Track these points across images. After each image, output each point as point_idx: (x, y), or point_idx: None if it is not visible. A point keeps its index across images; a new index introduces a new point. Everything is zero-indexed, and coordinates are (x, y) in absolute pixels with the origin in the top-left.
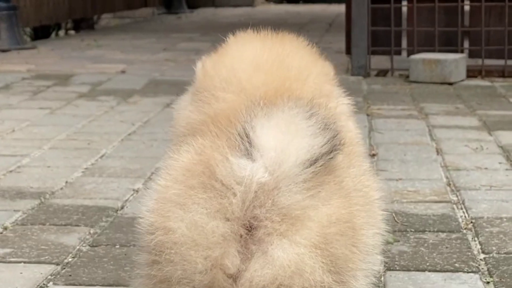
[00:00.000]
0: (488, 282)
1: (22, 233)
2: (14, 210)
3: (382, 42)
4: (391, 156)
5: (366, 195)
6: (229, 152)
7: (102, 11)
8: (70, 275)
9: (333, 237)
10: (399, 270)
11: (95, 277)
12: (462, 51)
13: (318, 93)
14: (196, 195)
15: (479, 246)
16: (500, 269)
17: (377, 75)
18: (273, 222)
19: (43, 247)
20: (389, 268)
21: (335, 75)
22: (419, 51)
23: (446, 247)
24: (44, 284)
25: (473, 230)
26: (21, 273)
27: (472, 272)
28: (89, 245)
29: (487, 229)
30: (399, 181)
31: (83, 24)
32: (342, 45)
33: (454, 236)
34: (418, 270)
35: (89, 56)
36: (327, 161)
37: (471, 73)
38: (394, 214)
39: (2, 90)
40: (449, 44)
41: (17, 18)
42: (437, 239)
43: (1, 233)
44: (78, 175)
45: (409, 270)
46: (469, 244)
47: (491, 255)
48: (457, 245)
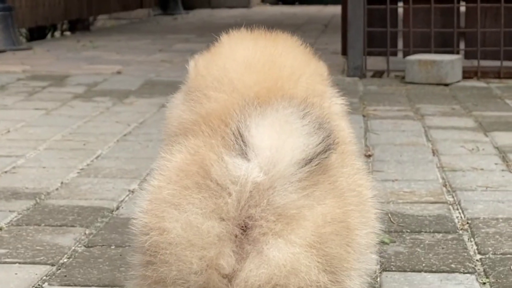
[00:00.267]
0: (484, 283)
1: (17, 233)
2: (9, 211)
3: (378, 43)
4: (387, 157)
5: (360, 194)
6: (224, 152)
7: (98, 12)
8: (66, 276)
9: (328, 236)
10: (395, 270)
11: (90, 278)
12: (458, 52)
13: (311, 93)
14: (191, 195)
15: (475, 247)
16: (496, 270)
17: (373, 76)
18: (268, 221)
19: (38, 247)
20: (385, 269)
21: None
22: (415, 52)
23: (442, 248)
24: (39, 285)
25: (469, 231)
26: (16, 274)
27: (468, 273)
28: (85, 246)
29: (483, 230)
30: (395, 181)
31: (78, 25)
32: (338, 46)
33: (450, 236)
34: (414, 271)
35: (84, 57)
36: (322, 161)
37: (467, 74)
38: (390, 215)
39: None
40: (445, 45)
41: (12, 19)
42: (433, 240)
43: None
44: (73, 175)
45: (405, 270)
46: (465, 245)
47: (487, 255)
48: (453, 245)
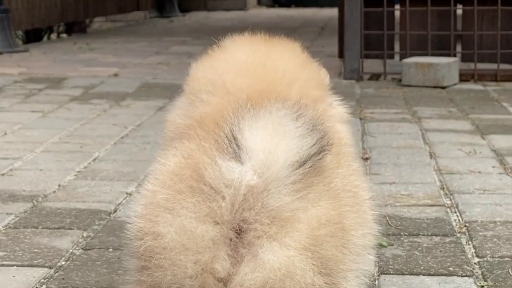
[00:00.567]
0: (482, 286)
1: (15, 236)
2: (7, 213)
3: (375, 46)
4: (384, 159)
5: (355, 195)
6: (217, 155)
7: (95, 14)
8: (63, 279)
9: (323, 238)
10: (393, 273)
11: (88, 281)
12: (454, 55)
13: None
14: (184, 199)
15: (473, 250)
16: (495, 273)
17: (370, 78)
18: (262, 224)
19: (36, 250)
20: (383, 272)
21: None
22: (411, 55)
23: (440, 251)
24: None
25: (467, 234)
26: (13, 277)
27: (467, 276)
28: (82, 249)
29: (481, 233)
30: (392, 184)
31: (75, 28)
32: (334, 49)
33: (448, 239)
34: (412, 274)
35: (81, 60)
36: (316, 162)
37: (464, 77)
38: (387, 218)
39: None
40: (442, 48)
41: (9, 21)
42: (431, 243)
43: None
44: (70, 178)
45: (403, 274)
46: (463, 248)
47: (485, 259)
48: (451, 249)
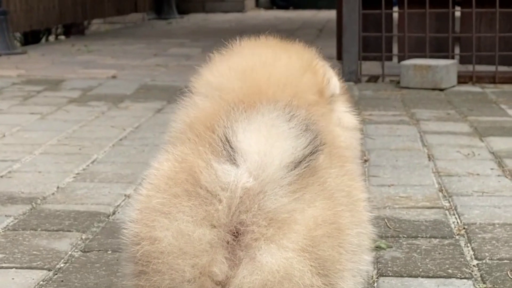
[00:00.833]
0: None
1: (14, 238)
2: (6, 216)
3: (373, 48)
4: (383, 161)
5: (349, 195)
6: (212, 158)
7: (93, 16)
8: (62, 281)
9: (320, 239)
10: (391, 276)
11: (87, 283)
12: (453, 57)
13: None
14: (181, 203)
15: (472, 252)
16: (493, 275)
17: (368, 80)
18: (259, 226)
19: (34, 252)
20: (381, 274)
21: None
22: (410, 57)
23: (439, 253)
24: None
25: (466, 236)
26: (12, 279)
27: (465, 278)
28: (81, 251)
29: (479, 235)
30: (391, 186)
31: (73, 29)
32: (332, 51)
33: (446, 242)
34: (411, 276)
35: (79, 61)
36: (310, 163)
37: (462, 79)
38: (386, 220)
39: None
40: (440, 50)
41: (7, 23)
42: (430, 245)
43: None
44: (69, 180)
45: (402, 276)
46: (462, 250)
47: (484, 261)
48: (450, 251)
